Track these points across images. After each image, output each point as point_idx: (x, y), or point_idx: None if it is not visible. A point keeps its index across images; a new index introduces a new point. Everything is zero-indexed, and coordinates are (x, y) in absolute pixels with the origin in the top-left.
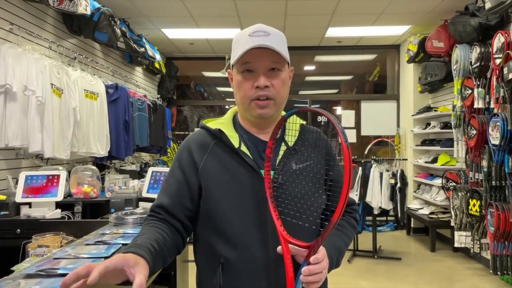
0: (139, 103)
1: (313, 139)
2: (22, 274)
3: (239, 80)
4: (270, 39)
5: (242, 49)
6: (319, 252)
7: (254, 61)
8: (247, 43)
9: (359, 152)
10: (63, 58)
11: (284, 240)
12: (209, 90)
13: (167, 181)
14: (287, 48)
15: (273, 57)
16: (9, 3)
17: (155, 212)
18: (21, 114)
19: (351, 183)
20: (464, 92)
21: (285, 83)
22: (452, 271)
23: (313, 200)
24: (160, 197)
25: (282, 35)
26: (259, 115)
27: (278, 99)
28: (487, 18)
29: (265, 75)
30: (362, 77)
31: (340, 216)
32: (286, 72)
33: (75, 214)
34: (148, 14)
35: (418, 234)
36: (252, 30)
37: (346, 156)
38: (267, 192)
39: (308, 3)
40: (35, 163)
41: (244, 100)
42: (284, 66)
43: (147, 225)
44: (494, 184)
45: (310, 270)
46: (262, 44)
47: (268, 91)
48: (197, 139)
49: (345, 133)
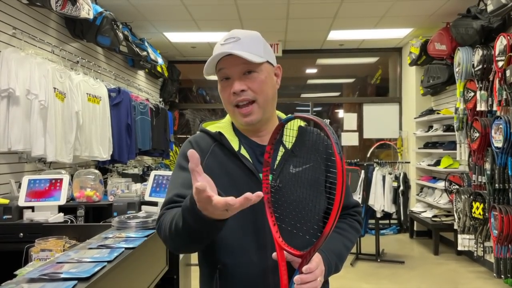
0: (141, 106)
1: (311, 141)
2: (25, 278)
3: (220, 88)
4: (239, 45)
5: (211, 59)
6: (312, 261)
7: (227, 68)
8: (217, 51)
9: (362, 155)
10: (66, 62)
11: (279, 247)
12: (211, 94)
13: (178, 175)
14: (264, 47)
15: (244, 61)
16: (12, 7)
17: (173, 202)
18: (24, 118)
19: (343, 195)
20: (467, 95)
21: (265, 83)
22: (456, 275)
23: (311, 205)
24: (175, 189)
25: (255, 36)
26: (245, 123)
27: (261, 101)
28: (489, 21)
29: (240, 80)
30: (364, 80)
31: (332, 228)
32: (265, 72)
33: (78, 218)
34: (151, 18)
35: (421, 237)
36: (225, 38)
37: (339, 167)
38: (265, 197)
39: (310, 7)
40: (37, 167)
41: (227, 107)
42: (259, 66)
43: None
44: (498, 187)
45: (302, 279)
46: (226, 52)
47: (246, 95)
48: (199, 140)
49: (338, 144)
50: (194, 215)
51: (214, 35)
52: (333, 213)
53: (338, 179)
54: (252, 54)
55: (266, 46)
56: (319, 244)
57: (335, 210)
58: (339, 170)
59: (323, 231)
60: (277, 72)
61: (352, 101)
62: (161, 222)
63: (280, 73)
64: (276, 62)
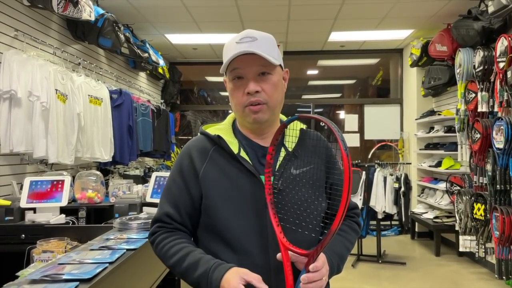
0: (142, 108)
1: (313, 143)
2: (27, 280)
3: (231, 88)
4: (257, 44)
5: (229, 56)
6: (319, 260)
7: (243, 68)
8: (234, 50)
9: (363, 156)
10: (68, 64)
11: (284, 247)
12: (212, 95)
13: (169, 189)
14: (278, 51)
15: (260, 62)
16: (14, 9)
17: (164, 222)
18: (25, 119)
19: (350, 191)
20: (468, 96)
21: (277, 87)
22: (457, 276)
23: (312, 207)
24: (165, 206)
25: (271, 38)
26: (253, 120)
27: (271, 103)
28: (490, 22)
29: (254, 80)
30: (365, 81)
31: (339, 224)
32: (277, 75)
33: (79, 219)
34: (152, 19)
35: (423, 238)
36: (240, 36)
37: (345, 164)
38: (267, 199)
39: (311, 8)
40: (39, 169)
41: (238, 107)
42: (274, 69)
43: (178, 241)
44: (499, 188)
45: (309, 278)
46: (247, 51)
47: (259, 96)
48: (197, 145)
49: (345, 141)
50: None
51: (215, 37)
52: (340, 210)
53: (345, 176)
54: (269, 55)
55: (278, 49)
56: (326, 241)
57: (342, 207)
58: (345, 165)
59: (331, 228)
60: (285, 76)
61: (353, 102)
62: (157, 244)
63: (287, 77)
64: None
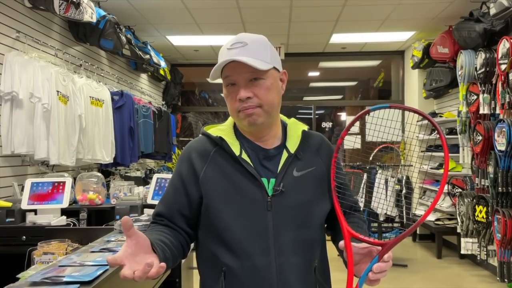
0: (144, 109)
1: (315, 145)
2: (28, 282)
3: (225, 93)
4: (246, 51)
5: (218, 64)
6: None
7: (233, 74)
8: (225, 56)
9: (364, 158)
10: (69, 65)
11: (349, 235)
12: (213, 96)
13: (167, 191)
14: (271, 53)
15: (251, 68)
16: (16, 11)
17: (156, 220)
18: (27, 121)
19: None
20: (469, 98)
21: (270, 90)
22: (459, 278)
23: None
24: (159, 206)
25: (263, 41)
26: (248, 123)
27: (266, 106)
28: (492, 24)
29: (245, 87)
30: (366, 83)
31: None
32: (271, 78)
33: (80, 221)
34: (153, 21)
35: (424, 240)
36: (231, 42)
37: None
38: (332, 184)
39: (313, 10)
40: (40, 170)
41: (232, 113)
42: (266, 73)
43: (150, 230)
44: (501, 190)
45: (382, 268)
46: (234, 59)
47: (251, 102)
48: (198, 146)
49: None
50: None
51: (216, 39)
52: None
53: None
54: (259, 60)
55: (272, 51)
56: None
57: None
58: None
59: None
60: (282, 77)
61: (354, 104)
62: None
63: (285, 78)
64: (281, 67)
